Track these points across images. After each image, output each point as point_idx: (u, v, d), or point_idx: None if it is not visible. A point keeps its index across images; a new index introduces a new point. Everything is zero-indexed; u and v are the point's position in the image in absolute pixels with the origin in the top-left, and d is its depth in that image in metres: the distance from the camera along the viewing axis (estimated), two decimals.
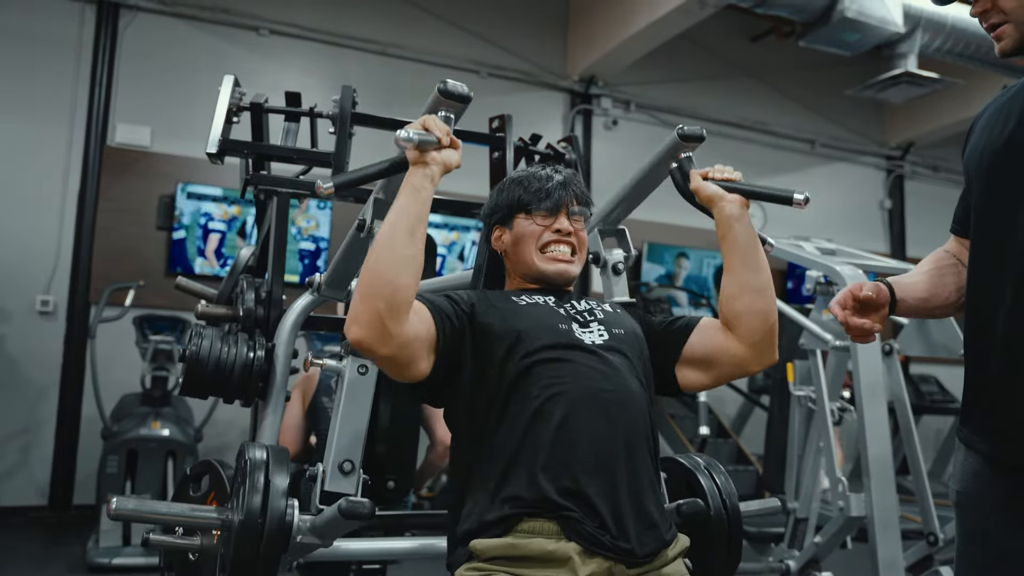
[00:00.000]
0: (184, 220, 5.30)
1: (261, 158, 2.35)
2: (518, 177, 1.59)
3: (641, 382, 1.44)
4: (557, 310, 1.49)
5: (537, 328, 1.42)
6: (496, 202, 1.60)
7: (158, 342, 4.34)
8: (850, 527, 2.64)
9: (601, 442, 1.33)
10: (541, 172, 1.58)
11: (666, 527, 1.37)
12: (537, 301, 1.50)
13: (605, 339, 1.46)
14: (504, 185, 1.61)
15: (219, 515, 1.47)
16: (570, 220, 1.55)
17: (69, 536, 4.41)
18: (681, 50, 6.60)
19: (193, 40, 5.50)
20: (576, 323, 1.47)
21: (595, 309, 1.54)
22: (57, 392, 4.99)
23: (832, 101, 7.52)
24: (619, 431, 1.35)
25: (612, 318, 1.53)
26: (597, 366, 1.39)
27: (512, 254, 1.58)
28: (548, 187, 1.54)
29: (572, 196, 1.55)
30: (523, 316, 1.44)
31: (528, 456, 1.31)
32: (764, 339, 1.47)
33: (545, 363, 1.38)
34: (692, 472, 1.64)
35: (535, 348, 1.38)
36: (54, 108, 5.13)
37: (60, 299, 5.05)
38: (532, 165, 1.62)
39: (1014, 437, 1.29)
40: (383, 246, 1.29)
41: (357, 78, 2.93)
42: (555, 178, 1.56)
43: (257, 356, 1.96)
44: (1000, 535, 1.33)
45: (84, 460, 4.92)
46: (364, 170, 1.36)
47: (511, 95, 6.31)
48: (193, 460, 4.03)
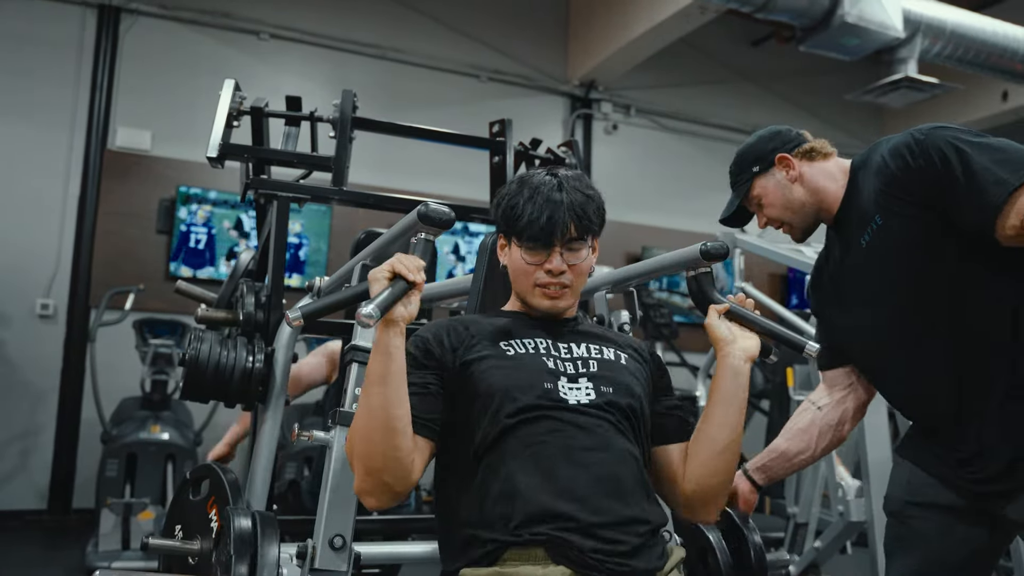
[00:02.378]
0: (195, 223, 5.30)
1: (261, 162, 2.35)
2: (510, 198, 1.42)
3: (629, 438, 1.36)
4: (547, 362, 1.38)
5: (518, 388, 1.33)
6: (495, 213, 1.48)
7: (158, 346, 4.34)
8: (850, 532, 2.64)
9: (580, 475, 1.27)
10: (532, 195, 1.39)
11: (657, 553, 1.31)
12: (527, 350, 1.40)
13: (592, 399, 1.35)
14: (501, 196, 1.46)
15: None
16: (565, 253, 1.40)
17: (68, 540, 4.41)
18: (681, 55, 6.61)
19: (194, 44, 5.51)
20: (565, 377, 1.37)
21: (591, 358, 1.42)
22: (57, 396, 4.99)
23: (832, 106, 7.52)
24: (600, 469, 1.29)
25: (608, 370, 1.41)
26: (578, 425, 1.31)
27: (511, 275, 1.48)
28: (537, 222, 1.37)
29: (568, 225, 1.38)
30: (506, 371, 1.35)
31: (504, 503, 1.27)
32: (702, 494, 1.41)
33: (524, 424, 1.31)
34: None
35: (513, 411, 1.31)
36: (55, 112, 5.13)
37: (60, 303, 5.05)
38: (534, 168, 1.50)
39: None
40: (374, 424, 1.23)
41: (357, 82, 2.93)
42: (543, 214, 1.37)
43: (257, 360, 1.96)
44: None
45: (84, 464, 4.91)
46: (333, 298, 1.35)
47: (511, 99, 6.31)
48: (193, 464, 4.03)
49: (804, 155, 1.73)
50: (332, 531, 1.42)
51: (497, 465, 1.29)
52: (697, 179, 7.11)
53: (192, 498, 1.73)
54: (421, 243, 1.33)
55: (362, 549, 1.58)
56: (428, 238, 1.33)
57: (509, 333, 1.42)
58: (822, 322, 1.81)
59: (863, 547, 2.60)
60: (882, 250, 1.57)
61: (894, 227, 1.54)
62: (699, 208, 7.00)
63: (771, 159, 1.72)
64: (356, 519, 1.49)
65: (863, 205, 1.61)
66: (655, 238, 6.49)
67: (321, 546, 1.40)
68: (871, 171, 1.61)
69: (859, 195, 1.63)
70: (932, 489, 1.59)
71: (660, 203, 6.81)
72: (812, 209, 1.70)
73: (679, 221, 6.79)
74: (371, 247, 1.67)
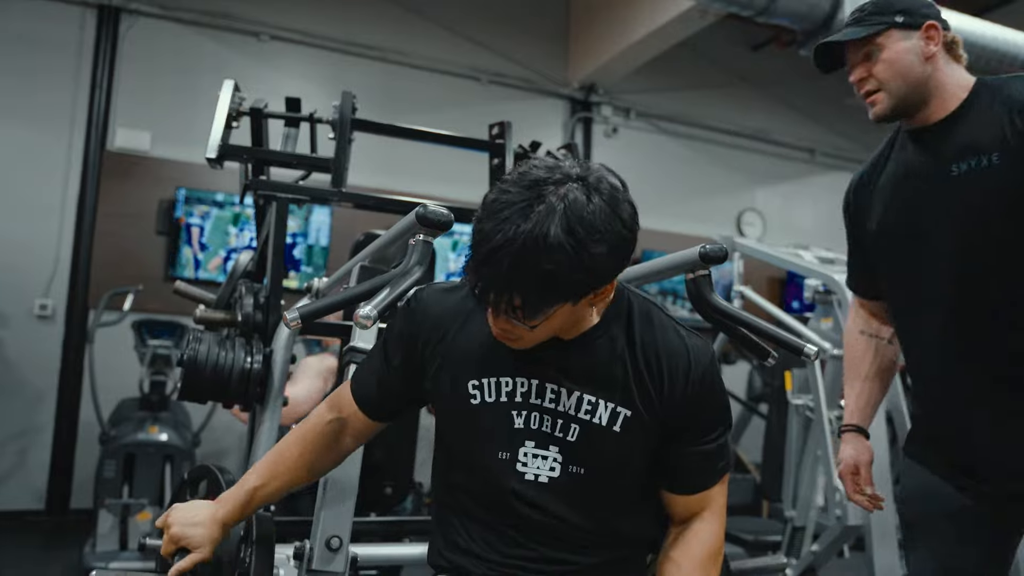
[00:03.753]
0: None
1: (261, 163, 2.35)
2: (484, 206, 1.08)
3: (591, 515, 1.20)
4: (515, 418, 1.19)
5: (470, 448, 1.23)
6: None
7: (156, 347, 4.34)
8: (847, 536, 2.64)
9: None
10: (481, 237, 1.04)
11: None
12: (497, 398, 1.20)
13: (554, 476, 1.18)
14: (478, 213, 1.09)
15: None
16: (515, 322, 1.10)
17: (66, 540, 4.40)
18: (682, 58, 6.61)
19: (193, 45, 5.51)
20: (532, 442, 1.19)
21: (578, 418, 1.18)
22: (55, 396, 4.98)
23: (832, 110, 7.52)
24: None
25: (590, 440, 1.18)
26: (524, 504, 1.19)
27: None
28: (472, 280, 1.08)
29: (496, 302, 1.06)
30: (465, 422, 1.23)
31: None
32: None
33: (472, 478, 1.24)
34: None
35: (462, 462, 1.26)
36: (54, 112, 5.13)
37: (59, 303, 5.04)
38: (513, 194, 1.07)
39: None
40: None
41: (357, 84, 2.93)
42: (480, 280, 1.06)
43: (255, 361, 1.95)
44: None
45: (82, 464, 4.91)
46: (331, 299, 1.36)
47: (511, 102, 6.31)
48: (190, 465, 4.02)
49: (947, 44, 1.54)
50: (329, 532, 1.42)
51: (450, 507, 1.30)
52: (696, 183, 7.11)
53: (190, 499, 1.72)
54: (420, 245, 1.32)
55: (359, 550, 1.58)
56: (427, 240, 1.33)
57: (489, 362, 1.21)
58: (865, 237, 1.69)
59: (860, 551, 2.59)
60: (982, 192, 1.42)
61: (1011, 175, 1.39)
62: (698, 212, 7.01)
63: (920, 22, 1.52)
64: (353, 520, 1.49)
65: (976, 133, 1.44)
66: (654, 242, 6.49)
67: (318, 547, 1.40)
68: (1004, 101, 1.43)
69: (975, 119, 1.46)
70: (942, 489, 1.56)
71: (660, 207, 6.81)
72: (920, 98, 1.52)
73: (679, 225, 6.79)
74: (370, 248, 1.67)
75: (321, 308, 1.32)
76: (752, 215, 7.32)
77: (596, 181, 1.07)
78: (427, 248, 1.33)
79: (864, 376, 1.73)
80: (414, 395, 1.32)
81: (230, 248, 5.41)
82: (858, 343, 1.77)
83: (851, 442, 1.71)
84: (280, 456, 1.34)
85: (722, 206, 7.21)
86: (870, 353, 1.74)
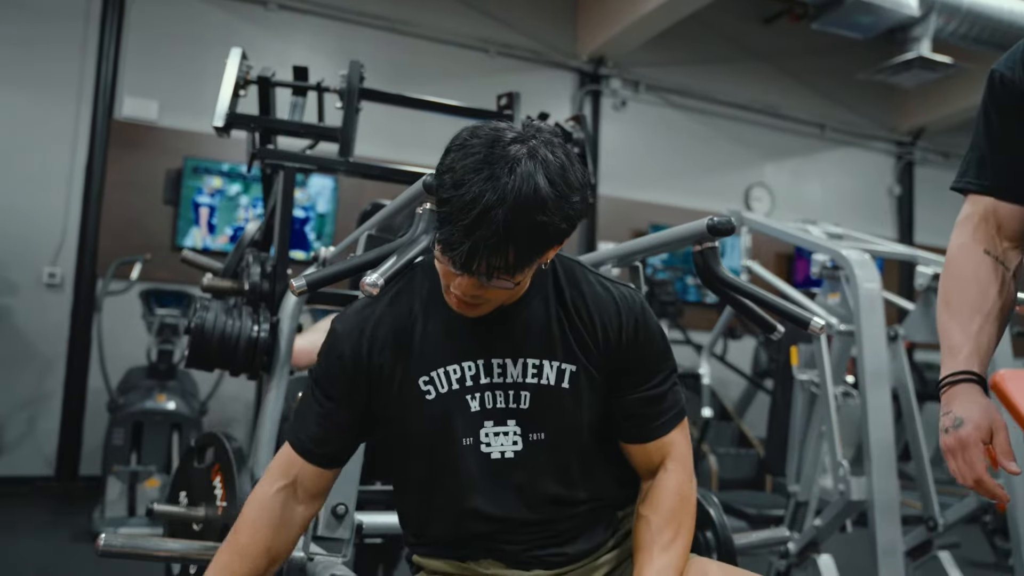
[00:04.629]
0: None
1: (268, 132, 2.34)
2: (452, 171, 1.07)
3: (560, 480, 1.23)
4: (470, 403, 1.20)
5: (432, 444, 1.22)
6: (442, 164, 1.12)
7: (164, 316, 4.36)
8: (850, 511, 2.65)
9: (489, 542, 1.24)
10: (465, 201, 1.03)
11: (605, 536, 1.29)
12: (451, 386, 1.20)
13: (517, 449, 1.20)
14: (446, 163, 1.10)
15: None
16: (483, 280, 1.09)
17: (75, 506, 4.46)
18: (692, 32, 6.55)
19: (201, 14, 5.47)
20: (490, 421, 1.20)
21: (527, 385, 1.20)
22: (64, 364, 5.02)
23: (843, 85, 7.46)
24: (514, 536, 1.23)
25: (544, 404, 1.21)
26: (495, 482, 1.21)
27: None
28: (452, 242, 1.05)
29: (493, 266, 1.06)
30: (422, 419, 1.21)
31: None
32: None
33: (436, 476, 1.23)
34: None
35: (426, 463, 1.24)
36: (61, 81, 5.12)
37: (67, 272, 5.07)
38: (509, 129, 1.10)
39: None
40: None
41: (364, 54, 2.91)
42: (464, 244, 1.04)
43: (262, 330, 1.96)
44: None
45: (90, 431, 4.96)
46: (337, 267, 1.34)
47: (520, 74, 6.27)
48: (198, 433, 4.06)
49: None
50: (335, 499, 1.43)
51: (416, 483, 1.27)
52: (705, 157, 7.07)
53: (197, 465, 1.74)
54: (427, 213, 1.31)
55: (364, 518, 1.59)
56: (433, 209, 1.31)
57: (437, 352, 1.21)
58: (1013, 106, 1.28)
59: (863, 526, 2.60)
60: None
61: None
62: (706, 186, 6.98)
63: None
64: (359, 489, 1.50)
65: None
66: (661, 215, 6.47)
67: (324, 514, 1.41)
68: None
69: None
70: None
71: (667, 181, 6.79)
72: None
73: (686, 199, 6.76)
74: (377, 216, 1.67)
75: (327, 276, 1.32)
76: (760, 190, 7.28)
77: (547, 138, 1.09)
78: (433, 216, 1.32)
79: (987, 311, 1.25)
80: (360, 425, 1.26)
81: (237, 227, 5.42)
82: (981, 265, 1.29)
83: (973, 398, 1.18)
84: (230, 550, 1.23)
85: (730, 181, 7.17)
86: (996, 283, 1.27)
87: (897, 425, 3.04)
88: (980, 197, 1.34)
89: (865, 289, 2.64)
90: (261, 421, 1.98)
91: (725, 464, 5.21)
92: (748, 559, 1.61)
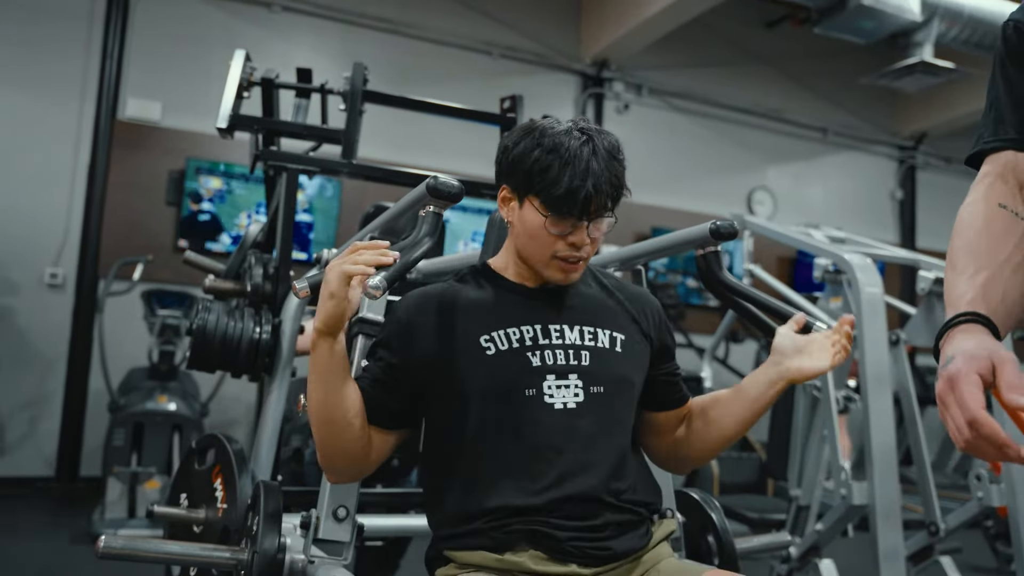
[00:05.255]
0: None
1: (271, 134, 2.35)
2: (544, 153, 1.24)
3: (617, 437, 1.31)
4: (531, 359, 1.28)
5: (496, 395, 1.27)
6: (511, 158, 1.30)
7: (166, 316, 4.36)
8: (852, 515, 2.64)
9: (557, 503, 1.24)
10: (570, 161, 1.22)
11: (644, 531, 1.31)
12: (511, 343, 1.28)
13: (580, 400, 1.27)
14: (524, 144, 1.28)
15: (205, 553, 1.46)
16: (591, 227, 1.26)
17: (75, 507, 4.46)
18: (695, 35, 6.55)
19: (205, 15, 5.48)
20: (553, 375, 1.27)
21: (585, 347, 1.31)
22: (65, 365, 5.02)
23: (846, 90, 7.46)
24: (577, 496, 1.25)
25: (601, 362, 1.31)
26: (561, 433, 1.26)
27: (516, 235, 1.33)
28: (575, 195, 1.22)
29: (605, 199, 1.25)
30: (484, 375, 1.27)
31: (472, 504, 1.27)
32: (687, 461, 1.45)
33: (500, 433, 1.26)
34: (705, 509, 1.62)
35: (489, 419, 1.26)
36: (65, 81, 5.12)
37: (69, 272, 5.07)
38: (552, 119, 1.32)
39: None
40: (319, 420, 1.25)
41: (368, 57, 2.91)
42: (583, 188, 1.22)
43: (264, 331, 1.96)
44: None
45: (91, 432, 4.96)
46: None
47: (523, 77, 6.28)
48: (199, 434, 4.06)
49: None
50: (336, 502, 1.42)
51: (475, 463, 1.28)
52: (708, 161, 7.07)
53: (198, 467, 1.74)
54: (430, 216, 1.31)
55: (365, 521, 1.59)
56: (436, 211, 1.31)
57: (494, 319, 1.31)
58: None
59: (864, 531, 2.60)
60: None
61: None
62: (709, 190, 6.98)
63: None
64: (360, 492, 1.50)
65: None
66: (665, 219, 6.47)
67: (325, 516, 1.40)
68: None
69: None
70: None
71: (670, 184, 6.78)
72: None
73: (689, 202, 6.76)
74: (379, 219, 1.67)
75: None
76: (763, 194, 7.28)
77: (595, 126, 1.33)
78: (437, 219, 1.32)
79: (999, 265, 1.10)
80: (412, 383, 1.30)
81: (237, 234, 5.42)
82: (994, 220, 1.15)
83: (971, 334, 1.00)
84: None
85: (733, 184, 7.17)
86: (1014, 235, 1.13)
87: (899, 430, 3.03)
88: (999, 154, 1.22)
89: (867, 293, 2.64)
90: (263, 422, 1.99)
91: (726, 468, 5.19)
92: (750, 563, 1.61)
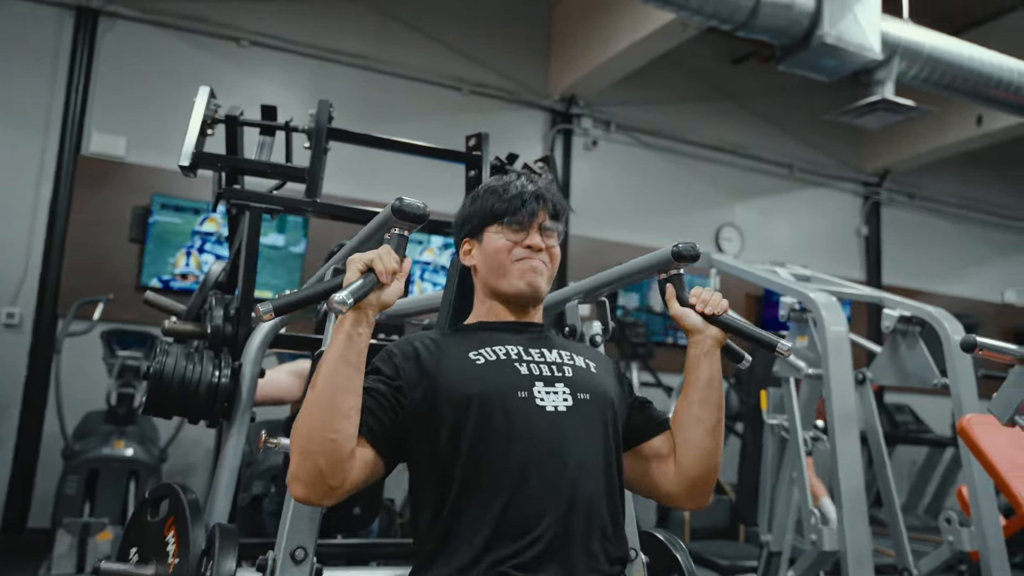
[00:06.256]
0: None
1: (235, 171, 2.31)
2: (492, 186, 1.50)
3: (605, 446, 1.38)
4: (519, 368, 1.38)
5: (490, 398, 1.32)
6: (468, 212, 1.52)
7: (125, 358, 4.24)
8: (823, 561, 2.62)
9: (554, 515, 1.27)
10: (516, 180, 1.49)
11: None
12: (499, 356, 1.39)
13: (569, 404, 1.36)
14: (477, 194, 1.52)
15: None
16: (543, 235, 1.46)
17: (20, 561, 4.18)
18: (663, 72, 6.63)
19: (172, 50, 5.44)
20: (541, 382, 1.37)
21: (565, 364, 1.43)
22: (19, 409, 4.84)
23: (811, 126, 7.58)
24: (575, 503, 1.29)
25: (582, 377, 1.43)
26: (554, 434, 1.32)
27: (481, 270, 1.49)
28: (522, 196, 1.46)
29: (546, 209, 1.47)
30: (477, 380, 1.34)
31: (475, 530, 1.25)
32: (700, 477, 1.43)
33: (497, 437, 1.29)
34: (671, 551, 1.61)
35: (486, 424, 1.30)
36: (28, 115, 5.04)
37: (27, 312, 4.93)
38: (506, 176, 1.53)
39: None
40: (320, 402, 1.22)
41: (338, 92, 2.90)
42: (528, 188, 1.47)
43: (223, 375, 1.91)
44: None
45: (43, 480, 4.74)
46: (304, 292, 1.32)
47: (492, 113, 6.30)
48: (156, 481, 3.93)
49: None
50: (294, 543, 1.39)
51: (466, 492, 1.27)
52: (676, 196, 7.13)
53: (150, 519, 1.67)
54: (395, 238, 1.30)
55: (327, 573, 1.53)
56: (402, 233, 1.31)
57: (478, 343, 1.42)
58: None
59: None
60: None
61: None
62: (677, 226, 7.02)
63: None
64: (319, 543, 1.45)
65: None
66: (631, 255, 6.40)
67: (282, 558, 1.36)
68: None
69: None
70: None
71: (638, 220, 6.81)
72: None
73: (657, 239, 6.78)
74: (345, 248, 1.65)
75: (294, 300, 1.29)
76: (730, 230, 7.34)
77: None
78: (403, 241, 1.31)
79: None
80: (403, 412, 1.32)
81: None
82: None
83: None
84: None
85: (701, 221, 7.22)
86: None
87: (868, 470, 3.02)
88: None
89: (832, 332, 2.65)
90: (220, 470, 1.93)
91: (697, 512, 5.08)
92: None
